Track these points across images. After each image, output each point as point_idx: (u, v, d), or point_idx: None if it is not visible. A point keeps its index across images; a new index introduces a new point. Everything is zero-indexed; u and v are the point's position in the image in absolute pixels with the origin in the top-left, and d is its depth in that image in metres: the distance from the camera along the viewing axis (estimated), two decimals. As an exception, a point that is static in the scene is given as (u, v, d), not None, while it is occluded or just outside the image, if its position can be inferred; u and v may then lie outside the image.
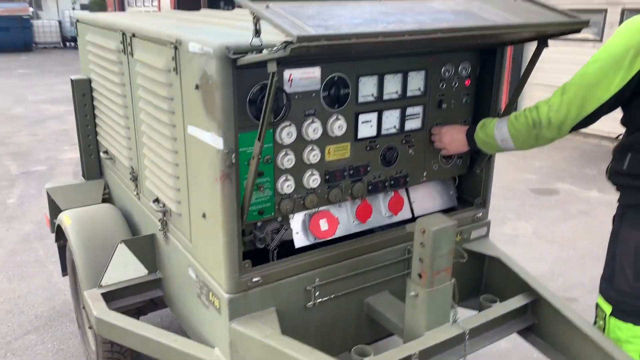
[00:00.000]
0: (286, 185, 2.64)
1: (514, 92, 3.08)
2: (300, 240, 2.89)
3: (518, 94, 3.07)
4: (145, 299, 3.37)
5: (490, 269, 3.34)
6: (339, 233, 3.00)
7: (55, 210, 4.14)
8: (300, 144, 2.50)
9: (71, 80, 4.28)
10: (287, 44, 1.87)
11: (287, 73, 2.53)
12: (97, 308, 3.16)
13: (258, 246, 2.72)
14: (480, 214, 3.36)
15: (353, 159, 2.68)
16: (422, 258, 2.57)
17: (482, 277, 3.37)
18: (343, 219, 3.03)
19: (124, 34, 3.21)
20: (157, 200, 2.97)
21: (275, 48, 1.89)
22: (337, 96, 2.63)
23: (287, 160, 2.61)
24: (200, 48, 2.27)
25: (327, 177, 2.80)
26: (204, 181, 2.42)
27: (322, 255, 2.81)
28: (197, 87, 2.24)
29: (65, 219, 3.49)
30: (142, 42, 2.97)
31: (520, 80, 3.03)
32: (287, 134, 2.57)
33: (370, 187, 2.86)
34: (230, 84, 2.25)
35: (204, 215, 2.50)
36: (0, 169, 8.41)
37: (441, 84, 2.85)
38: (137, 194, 3.35)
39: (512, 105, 3.05)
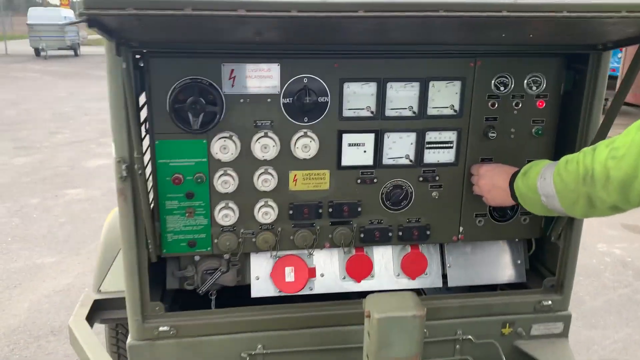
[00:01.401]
0: (223, 215, 1.99)
1: (606, 117, 1.94)
2: (258, 288, 2.20)
3: (611, 121, 1.92)
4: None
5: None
6: (319, 289, 2.23)
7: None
8: (247, 163, 1.98)
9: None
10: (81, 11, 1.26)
11: (226, 68, 1.88)
12: (77, 314, 2.88)
13: (186, 287, 2.11)
14: (550, 301, 2.24)
15: (335, 192, 2.06)
16: (368, 355, 1.70)
17: None
18: (329, 271, 2.25)
19: None
20: None
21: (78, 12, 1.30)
22: (306, 105, 1.87)
23: (224, 182, 1.95)
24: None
25: (292, 212, 2.06)
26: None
27: (271, 315, 2.10)
28: None
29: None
30: None
31: (615, 97, 1.90)
32: (221, 147, 1.91)
33: (363, 235, 2.02)
34: (119, 73, 1.70)
35: None
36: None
37: (491, 103, 2.02)
38: None
39: (600, 138, 1.93)
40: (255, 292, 2.23)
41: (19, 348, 4.32)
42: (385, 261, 2.31)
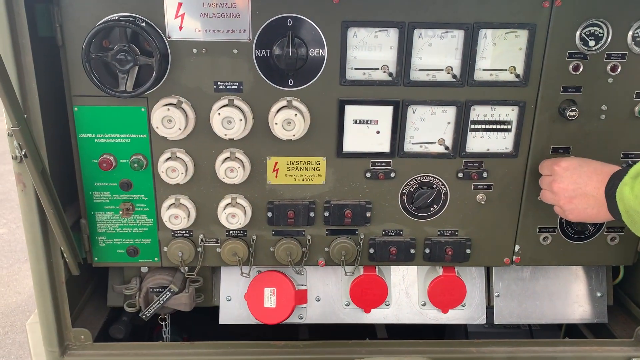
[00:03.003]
0: (172, 214, 1.39)
1: None
2: (229, 313, 1.63)
3: None
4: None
5: None
6: (313, 317, 1.64)
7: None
8: (205, 142, 1.45)
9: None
10: None
11: (171, 3, 1.26)
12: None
13: (127, 309, 1.54)
14: (645, 359, 1.55)
15: (333, 189, 1.51)
16: None
17: None
18: (327, 294, 1.64)
19: None
20: None
21: None
22: (291, 61, 1.29)
23: (171, 168, 1.36)
24: None
25: (271, 214, 1.44)
26: None
27: (239, 356, 1.50)
28: None
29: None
30: None
31: None
32: (165, 118, 1.31)
33: (373, 250, 1.40)
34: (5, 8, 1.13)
35: None
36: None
37: (573, 65, 1.44)
38: None
39: None
40: (225, 318, 1.67)
41: (14, 332, 3.95)
42: (406, 285, 1.68)
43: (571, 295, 1.73)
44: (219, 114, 1.35)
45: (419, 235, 1.56)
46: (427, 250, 1.57)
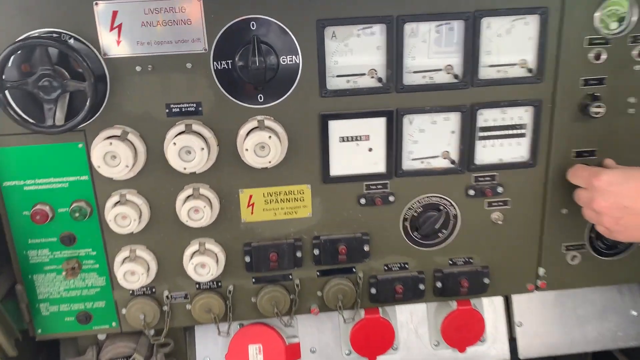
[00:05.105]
0: (128, 270, 1.14)
1: None
2: (209, 377, 1.35)
3: None
4: None
5: None
6: None
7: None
8: (161, 179, 1.19)
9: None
10: None
11: (104, 8, 1.02)
12: None
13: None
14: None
15: (322, 222, 1.28)
16: None
17: None
18: (324, 344, 1.39)
19: None
20: None
21: None
22: (258, 72, 1.05)
23: (121, 215, 1.10)
24: None
25: (250, 258, 1.18)
26: None
27: None
28: None
29: None
30: None
31: None
32: (108, 155, 1.05)
33: (375, 290, 1.20)
34: None
35: None
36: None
37: (595, 53, 1.23)
38: None
39: None
40: (205, 384, 1.37)
41: None
42: (415, 324, 1.46)
43: (603, 317, 1.51)
44: (175, 143, 1.09)
45: (427, 267, 1.32)
46: (439, 284, 1.33)
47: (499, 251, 1.32)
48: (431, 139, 1.22)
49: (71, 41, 1.05)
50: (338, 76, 1.15)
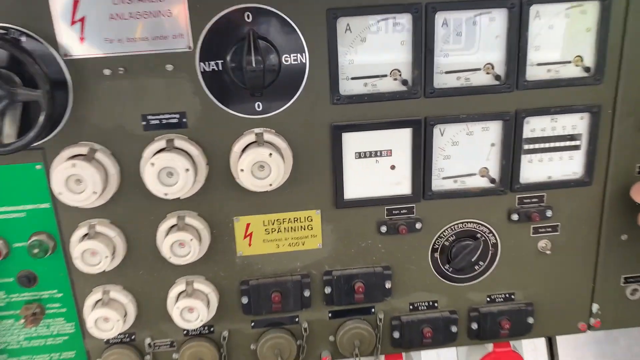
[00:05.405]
0: (101, 316, 0.94)
1: None
2: None
3: None
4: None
5: None
6: None
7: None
8: (139, 206, 1.00)
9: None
10: None
11: (62, 2, 0.80)
12: None
13: None
14: None
15: (334, 254, 1.08)
16: None
17: None
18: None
19: None
20: None
21: None
22: (255, 75, 0.88)
23: (91, 251, 0.90)
24: None
25: (248, 298, 0.98)
26: None
27: None
28: None
29: None
30: None
31: None
32: (71, 179, 0.85)
33: (398, 334, 1.03)
34: None
35: None
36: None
37: None
38: None
39: None
40: None
41: None
42: (443, 369, 1.21)
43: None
44: (153, 164, 0.89)
45: (461, 305, 1.14)
46: (474, 326, 1.13)
47: (545, 286, 1.14)
48: (467, 154, 1.03)
49: (22, 39, 0.85)
50: (353, 78, 0.95)
